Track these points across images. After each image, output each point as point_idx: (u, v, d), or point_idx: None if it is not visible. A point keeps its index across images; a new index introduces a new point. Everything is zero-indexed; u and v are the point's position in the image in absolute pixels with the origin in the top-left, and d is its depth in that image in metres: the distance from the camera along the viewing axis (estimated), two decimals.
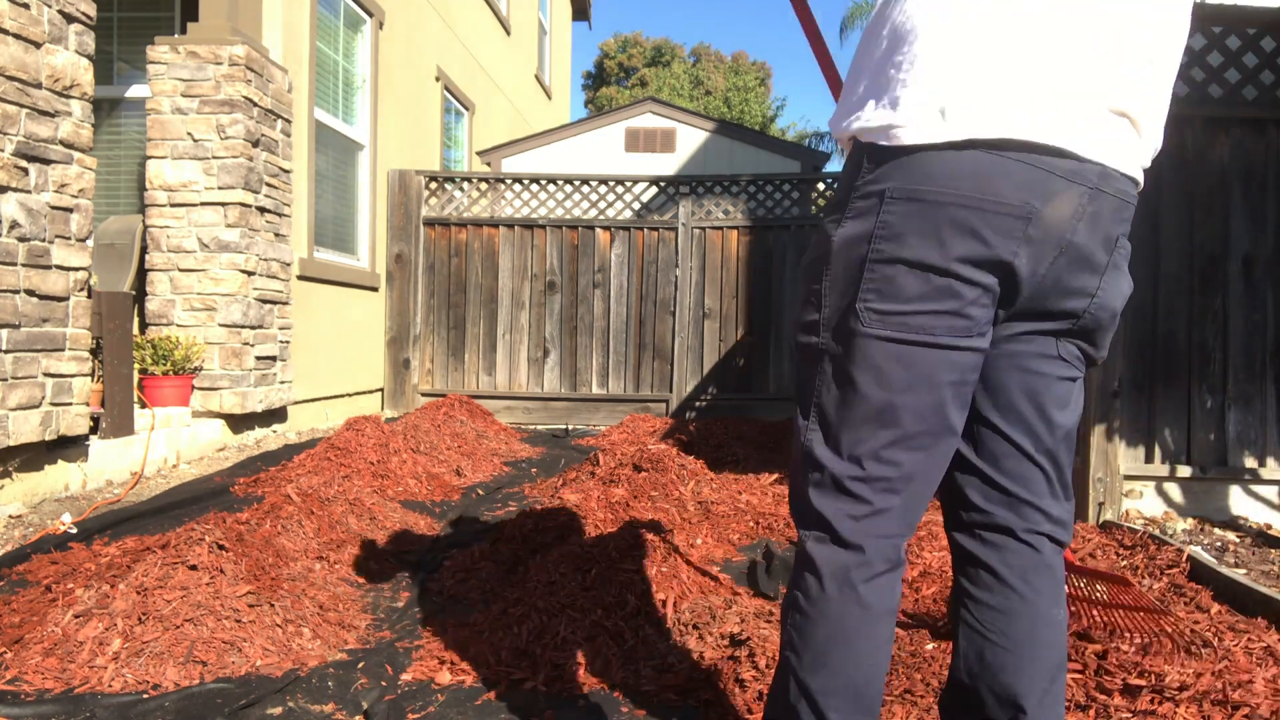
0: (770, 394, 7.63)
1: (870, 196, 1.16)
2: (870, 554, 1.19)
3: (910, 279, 1.14)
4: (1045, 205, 1.12)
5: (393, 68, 7.60)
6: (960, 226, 1.11)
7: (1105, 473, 3.67)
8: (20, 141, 3.50)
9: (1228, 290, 3.76)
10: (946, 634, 2.34)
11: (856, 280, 1.17)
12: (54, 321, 3.69)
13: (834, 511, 1.20)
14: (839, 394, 1.20)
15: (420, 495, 4.22)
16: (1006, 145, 1.11)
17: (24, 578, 2.78)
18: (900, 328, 1.15)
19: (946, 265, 1.12)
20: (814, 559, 1.21)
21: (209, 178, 5.12)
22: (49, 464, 3.81)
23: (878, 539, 1.20)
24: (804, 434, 1.24)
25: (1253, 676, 1.92)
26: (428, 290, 7.68)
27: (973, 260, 1.12)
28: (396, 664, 2.27)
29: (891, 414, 1.17)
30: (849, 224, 1.18)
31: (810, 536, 1.22)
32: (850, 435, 1.19)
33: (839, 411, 1.20)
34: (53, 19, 3.66)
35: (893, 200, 1.14)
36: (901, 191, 1.13)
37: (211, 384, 5.14)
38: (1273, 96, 3.78)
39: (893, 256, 1.14)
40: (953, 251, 1.12)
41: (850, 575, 1.19)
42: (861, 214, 1.17)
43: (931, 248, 1.12)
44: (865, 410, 1.18)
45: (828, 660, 1.19)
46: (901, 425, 1.18)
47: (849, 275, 1.17)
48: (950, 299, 1.14)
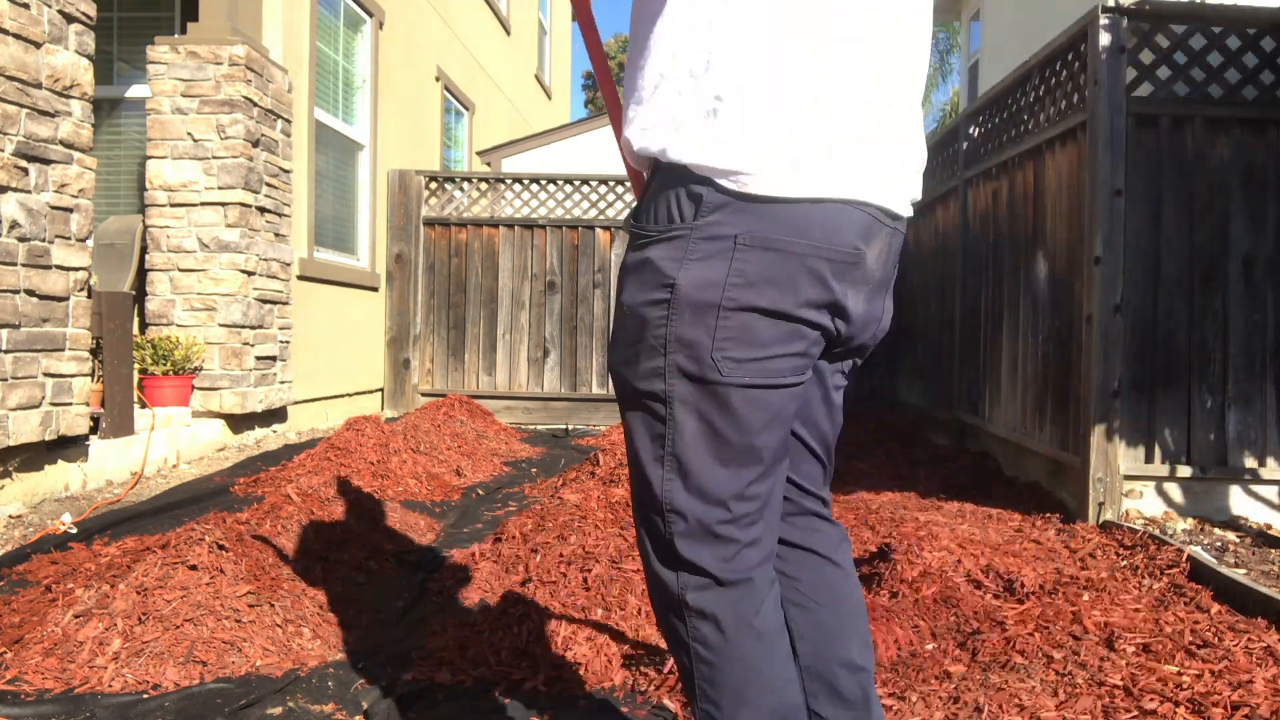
0: None
1: (718, 240, 1.13)
2: (754, 586, 1.21)
3: (764, 325, 1.15)
4: (868, 248, 1.19)
5: (393, 68, 7.60)
6: (812, 274, 1.14)
7: (1105, 473, 3.67)
8: (20, 141, 3.50)
9: (1228, 290, 3.76)
10: (944, 633, 2.34)
11: (710, 327, 1.14)
12: (54, 321, 3.69)
13: (709, 558, 1.20)
14: (697, 441, 1.18)
15: (420, 495, 4.22)
16: (849, 201, 1.16)
17: (24, 578, 2.78)
18: (757, 373, 1.16)
19: (796, 312, 1.15)
20: (703, 608, 1.20)
21: (209, 178, 5.12)
22: (49, 464, 3.81)
23: (754, 569, 1.22)
24: (658, 486, 1.21)
25: (1253, 676, 1.92)
26: (428, 290, 7.68)
27: (816, 304, 1.16)
28: (396, 664, 2.28)
29: (753, 454, 1.19)
30: (694, 267, 1.14)
31: (690, 587, 1.21)
32: (713, 480, 1.19)
33: (698, 458, 1.19)
34: (53, 19, 3.66)
35: (746, 248, 1.13)
36: (755, 239, 1.13)
37: (211, 384, 5.14)
38: (1273, 96, 3.78)
39: (748, 305, 1.14)
40: (801, 297, 1.15)
41: (741, 612, 1.20)
42: (709, 257, 1.14)
43: (785, 295, 1.14)
44: (726, 454, 1.19)
45: (746, 698, 1.21)
46: (762, 462, 1.21)
47: (699, 321, 1.14)
48: (798, 341, 1.18)
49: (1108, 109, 3.69)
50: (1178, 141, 3.78)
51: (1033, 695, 1.88)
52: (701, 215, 1.14)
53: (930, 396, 6.45)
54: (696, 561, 1.20)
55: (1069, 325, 4.03)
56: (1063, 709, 1.82)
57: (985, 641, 2.19)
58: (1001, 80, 4.99)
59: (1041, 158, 4.41)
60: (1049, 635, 2.20)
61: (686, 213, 1.16)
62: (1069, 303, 4.03)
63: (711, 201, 1.14)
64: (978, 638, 2.23)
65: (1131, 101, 3.74)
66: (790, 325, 1.16)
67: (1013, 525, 3.67)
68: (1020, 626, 2.27)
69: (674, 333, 1.16)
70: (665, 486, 1.21)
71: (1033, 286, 4.48)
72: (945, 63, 22.53)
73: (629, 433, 1.25)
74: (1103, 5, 3.69)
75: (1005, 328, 4.89)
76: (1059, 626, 2.24)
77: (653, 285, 1.17)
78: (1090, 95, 3.76)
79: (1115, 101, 3.69)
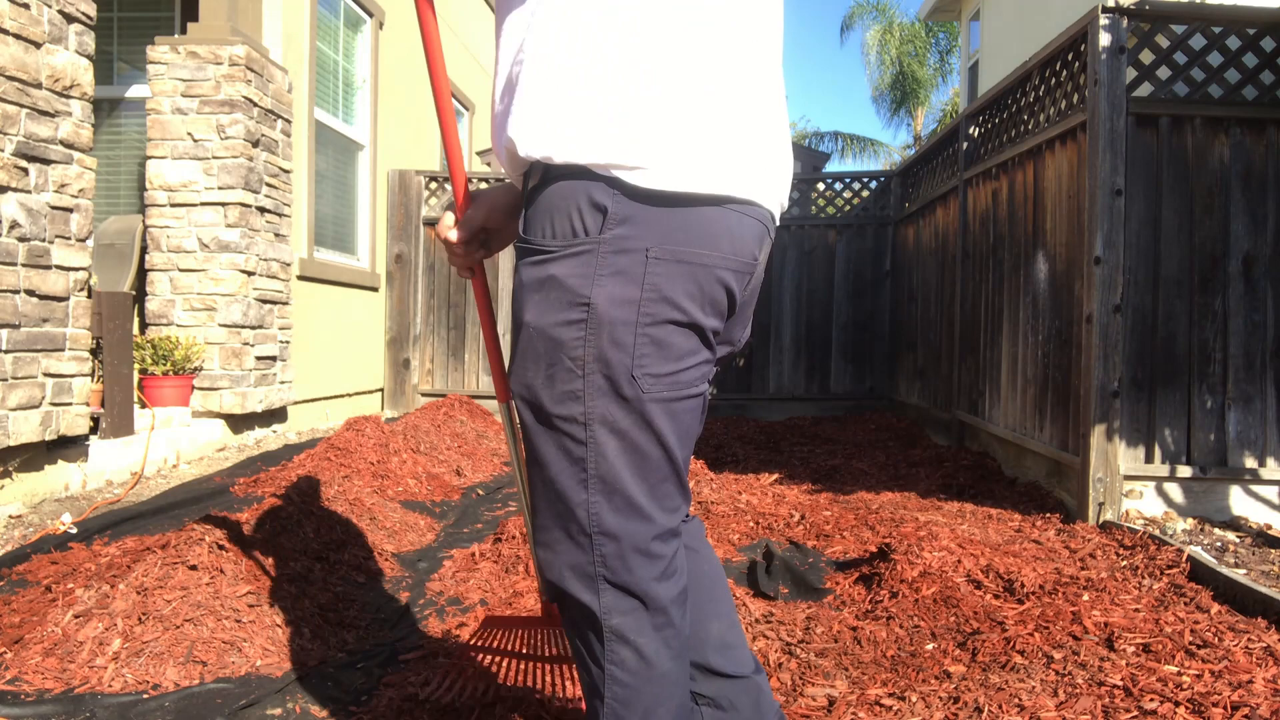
0: (770, 394, 7.63)
1: (629, 253, 1.11)
2: (674, 610, 1.20)
3: (679, 338, 1.14)
4: (761, 255, 1.21)
5: (393, 68, 7.60)
6: (720, 284, 1.15)
7: (1105, 473, 3.67)
8: (20, 141, 3.50)
9: (1228, 290, 3.76)
10: (944, 633, 2.34)
11: (629, 345, 1.12)
12: (54, 321, 3.70)
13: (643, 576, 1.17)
14: (620, 460, 1.15)
15: (420, 495, 4.22)
16: (748, 202, 1.16)
17: (24, 578, 2.78)
18: (673, 386, 1.16)
19: (704, 321, 1.15)
20: (626, 634, 1.18)
21: (209, 178, 5.12)
22: (49, 464, 3.81)
23: (676, 589, 1.21)
24: (583, 510, 1.17)
25: (1253, 676, 1.92)
26: (428, 290, 7.68)
27: (718, 312, 1.17)
28: (396, 664, 2.27)
29: (672, 467, 1.19)
30: (608, 283, 1.11)
31: (615, 611, 1.18)
32: (642, 497, 1.17)
33: (624, 477, 1.16)
34: (53, 19, 3.66)
35: (659, 261, 1.11)
36: (667, 253, 1.11)
37: (211, 384, 5.14)
38: (1273, 96, 3.78)
39: (665, 319, 1.12)
40: (711, 308, 1.16)
41: (664, 636, 1.20)
42: (622, 272, 1.11)
43: (696, 307, 1.14)
44: (649, 470, 1.17)
45: (655, 715, 1.20)
46: (679, 473, 1.21)
47: (618, 339, 1.12)
48: (705, 349, 1.18)
49: (1108, 109, 3.69)
50: (1178, 141, 3.78)
51: (1033, 695, 1.88)
52: (608, 228, 1.11)
53: (930, 396, 6.45)
54: (629, 583, 1.17)
55: (1069, 325, 4.03)
56: (1063, 709, 1.82)
57: (985, 641, 2.19)
58: (1001, 80, 4.99)
59: (1041, 158, 4.41)
60: (1049, 635, 2.20)
61: (591, 225, 1.11)
62: (1069, 303, 4.03)
63: (617, 213, 1.11)
64: (978, 638, 2.23)
65: (1131, 101, 3.74)
66: (699, 335, 1.16)
67: (1013, 525, 3.67)
68: (1020, 626, 2.27)
69: (592, 353, 1.12)
70: (592, 510, 1.16)
71: (1033, 286, 4.48)
72: (945, 63, 22.53)
73: (539, 457, 1.19)
74: (1103, 5, 3.69)
75: (1005, 328, 4.89)
76: (1059, 626, 2.24)
77: (563, 305, 1.12)
78: (1090, 95, 3.76)
79: (1115, 101, 3.69)
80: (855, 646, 2.32)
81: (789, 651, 2.28)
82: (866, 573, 2.87)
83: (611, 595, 1.18)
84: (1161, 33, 3.79)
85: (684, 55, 1.11)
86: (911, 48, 22.60)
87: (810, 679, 2.11)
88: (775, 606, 2.65)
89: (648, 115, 1.10)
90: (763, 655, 2.25)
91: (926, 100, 23.33)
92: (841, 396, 7.66)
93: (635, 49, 1.10)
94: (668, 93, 1.11)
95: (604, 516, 1.16)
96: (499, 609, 2.55)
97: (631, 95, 1.10)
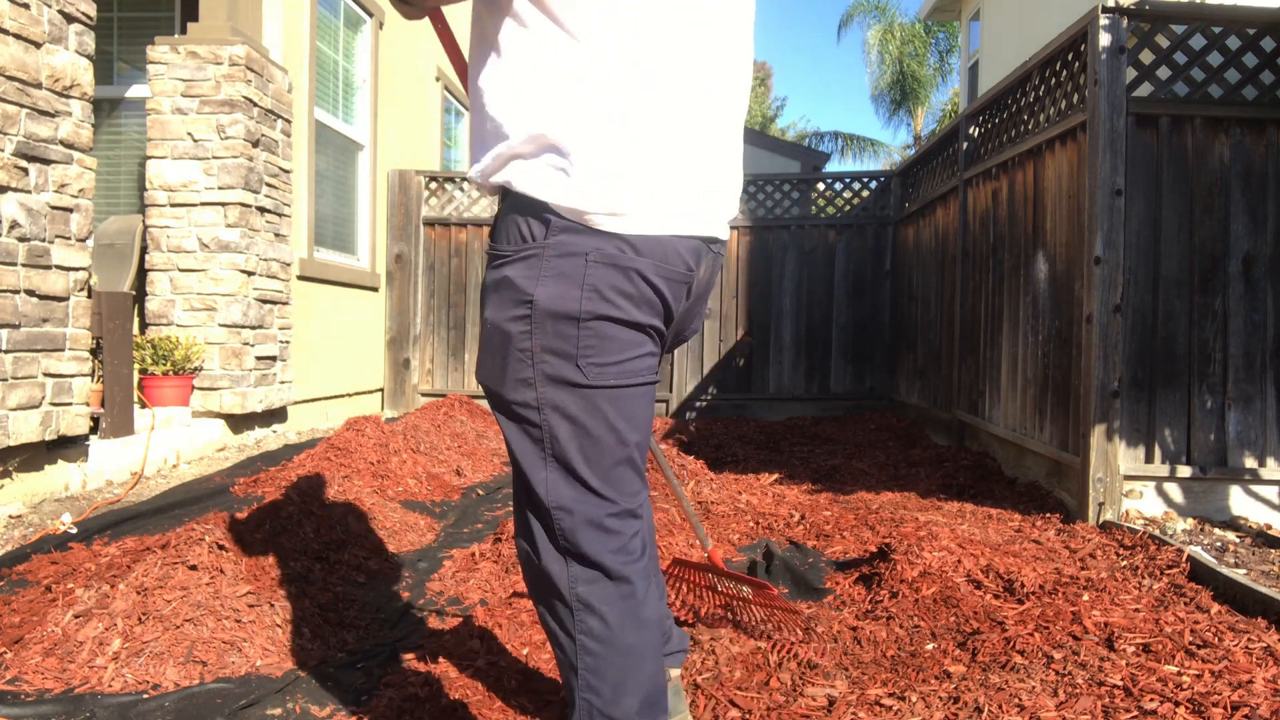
0: (770, 394, 7.63)
1: (570, 257, 1.26)
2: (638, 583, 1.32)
3: (618, 331, 1.29)
4: (698, 268, 1.38)
5: (393, 68, 7.60)
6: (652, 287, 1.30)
7: (1105, 473, 3.67)
8: (20, 141, 3.50)
9: (1228, 290, 3.76)
10: (944, 633, 2.34)
11: (572, 337, 1.26)
12: (54, 321, 3.70)
13: (600, 549, 1.30)
14: (571, 441, 1.30)
15: (420, 495, 4.22)
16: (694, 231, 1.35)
17: (24, 578, 2.78)
18: (621, 375, 1.30)
19: (641, 319, 1.30)
20: (591, 602, 1.30)
21: (209, 178, 5.12)
22: (49, 464, 3.81)
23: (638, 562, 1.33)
24: (542, 487, 1.31)
25: (1253, 676, 1.92)
26: (428, 290, 7.68)
27: (655, 312, 1.33)
28: (396, 664, 2.28)
29: (625, 449, 1.32)
30: (550, 283, 1.26)
31: (580, 580, 1.31)
32: (594, 477, 1.31)
33: (578, 457, 1.30)
34: (53, 19, 3.66)
35: (596, 264, 1.26)
36: (604, 257, 1.26)
37: (211, 384, 5.14)
38: (1273, 96, 3.78)
39: (603, 315, 1.27)
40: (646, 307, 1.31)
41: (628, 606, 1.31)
42: (564, 274, 1.26)
43: (632, 305, 1.29)
44: (602, 452, 1.31)
45: (626, 686, 1.31)
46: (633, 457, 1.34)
47: (560, 332, 1.27)
48: (648, 343, 1.34)
49: (1108, 109, 3.69)
50: (1178, 141, 3.78)
51: (1033, 695, 1.88)
52: (551, 235, 1.27)
53: (930, 396, 6.45)
54: (589, 553, 1.30)
55: (1069, 325, 4.03)
56: (1063, 709, 1.82)
57: (985, 641, 2.19)
58: (1001, 80, 4.99)
59: (1041, 158, 4.41)
60: (1049, 635, 2.20)
61: (537, 233, 1.28)
62: (1069, 303, 4.03)
63: (559, 224, 1.27)
64: (978, 638, 2.23)
65: (1131, 101, 3.74)
66: (638, 330, 1.31)
67: (1013, 525, 3.67)
68: (1020, 626, 2.27)
69: (539, 344, 1.28)
70: (550, 486, 1.31)
71: (1033, 286, 4.48)
72: (945, 63, 22.53)
73: (508, 438, 1.35)
74: (1103, 5, 3.69)
75: (1005, 328, 4.89)
76: (1059, 626, 2.24)
77: (512, 302, 1.28)
78: (1090, 95, 3.76)
79: (1115, 101, 3.69)
80: (855, 646, 2.32)
81: (789, 651, 2.28)
82: (866, 573, 2.87)
83: (575, 566, 1.31)
84: (1161, 33, 3.79)
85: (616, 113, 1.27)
86: (911, 48, 22.61)
87: (810, 679, 2.11)
88: None
89: (592, 171, 1.26)
90: (763, 655, 2.25)
91: (926, 100, 23.33)
92: (841, 396, 7.66)
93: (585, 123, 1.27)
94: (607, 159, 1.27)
95: (560, 491, 1.31)
96: (499, 609, 2.55)
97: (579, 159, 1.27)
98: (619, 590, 1.30)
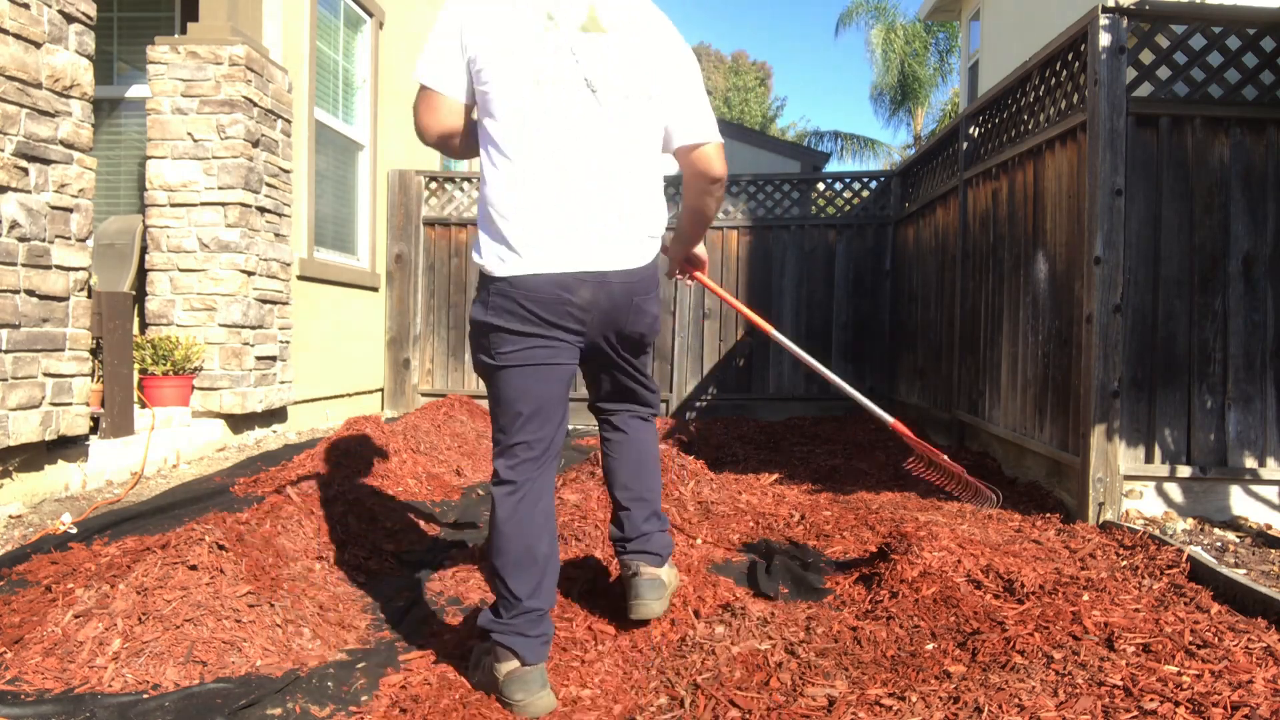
0: (770, 394, 7.63)
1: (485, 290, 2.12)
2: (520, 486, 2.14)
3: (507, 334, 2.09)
4: (574, 295, 2.07)
5: (393, 68, 7.60)
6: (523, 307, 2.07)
7: (1105, 473, 3.67)
8: (20, 141, 3.50)
9: (1228, 290, 3.76)
10: (944, 633, 2.34)
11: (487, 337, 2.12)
12: (54, 321, 3.70)
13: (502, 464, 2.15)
14: (493, 398, 2.16)
15: (420, 495, 4.22)
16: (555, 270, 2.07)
17: (24, 578, 2.78)
18: (519, 359, 2.10)
19: (523, 329, 2.08)
20: (495, 494, 2.14)
21: (209, 178, 5.12)
22: (49, 464, 3.81)
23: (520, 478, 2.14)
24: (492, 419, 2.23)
25: (1253, 676, 1.92)
26: (428, 290, 7.68)
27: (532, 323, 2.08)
28: (396, 664, 2.28)
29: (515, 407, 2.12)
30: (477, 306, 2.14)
31: (495, 474, 2.16)
32: (503, 419, 2.15)
33: (494, 408, 2.17)
34: (53, 19, 3.66)
35: (492, 294, 2.09)
36: (498, 290, 2.08)
37: (211, 384, 5.14)
38: (1273, 96, 3.78)
39: (497, 325, 2.09)
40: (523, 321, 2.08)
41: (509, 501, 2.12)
42: (482, 301, 2.12)
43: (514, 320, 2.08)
44: (504, 405, 2.14)
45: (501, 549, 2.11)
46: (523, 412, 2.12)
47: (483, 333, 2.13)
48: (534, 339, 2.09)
49: (1108, 109, 3.69)
50: (1178, 141, 3.78)
51: (1033, 695, 1.88)
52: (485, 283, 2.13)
53: (930, 396, 6.45)
54: (498, 463, 2.14)
55: (1069, 325, 4.03)
56: (1063, 709, 1.82)
57: (985, 641, 2.19)
58: (1001, 80, 4.99)
59: (1041, 158, 4.41)
60: (1049, 635, 2.20)
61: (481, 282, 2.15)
62: (1069, 303, 4.03)
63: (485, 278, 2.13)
64: (978, 638, 2.23)
65: (1131, 101, 3.74)
66: (525, 337, 2.08)
67: (1013, 525, 3.67)
68: (1020, 626, 2.27)
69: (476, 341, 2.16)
70: (491, 418, 2.20)
71: (1033, 286, 4.48)
72: (945, 63, 22.54)
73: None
74: (1103, 5, 3.69)
75: (1005, 328, 4.89)
76: (1059, 626, 2.24)
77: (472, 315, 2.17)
78: (1090, 95, 3.76)
79: (1115, 101, 3.69)
80: (855, 646, 2.32)
81: (790, 651, 2.28)
82: (866, 573, 2.87)
83: (496, 463, 2.15)
84: (1161, 33, 3.78)
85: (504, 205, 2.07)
86: (912, 48, 22.61)
87: (810, 679, 2.11)
88: (776, 606, 2.65)
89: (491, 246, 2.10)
90: (764, 655, 2.25)
91: (926, 100, 23.34)
92: (842, 397, 7.65)
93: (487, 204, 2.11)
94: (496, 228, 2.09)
95: (495, 422, 2.18)
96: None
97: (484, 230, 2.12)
98: (505, 490, 2.12)
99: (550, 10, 2.04)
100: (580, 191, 2.06)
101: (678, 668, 2.23)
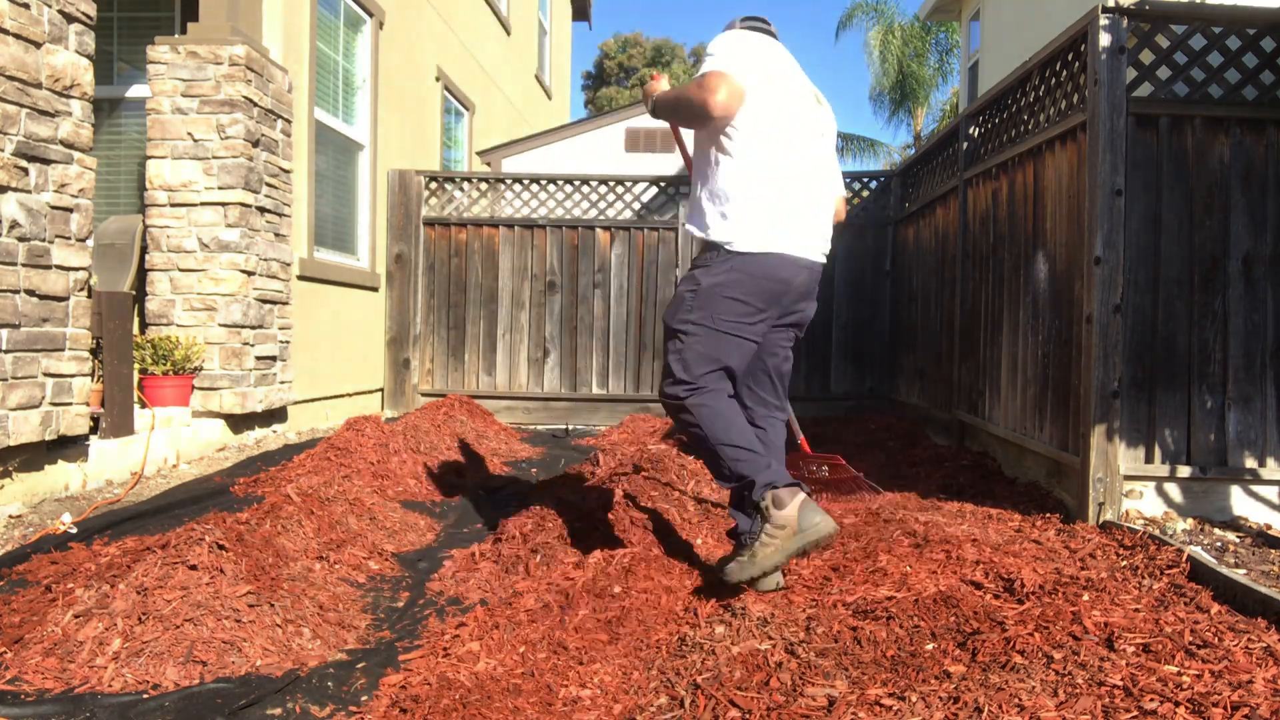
0: None
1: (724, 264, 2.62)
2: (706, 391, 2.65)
3: (738, 306, 2.60)
4: (794, 279, 2.66)
5: (393, 68, 7.60)
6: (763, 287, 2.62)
7: (1105, 473, 3.67)
8: (20, 141, 3.50)
9: (1228, 290, 3.76)
10: (944, 633, 2.34)
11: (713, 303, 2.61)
12: (54, 321, 3.69)
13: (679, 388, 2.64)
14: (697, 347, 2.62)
15: (420, 495, 4.22)
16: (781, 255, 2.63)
17: (24, 578, 2.78)
18: (734, 328, 2.61)
19: (752, 302, 2.60)
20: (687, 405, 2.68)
21: (209, 178, 5.12)
22: (49, 464, 3.81)
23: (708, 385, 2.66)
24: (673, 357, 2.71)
25: (1253, 676, 1.92)
26: (428, 290, 7.68)
27: (767, 299, 2.62)
28: (396, 664, 2.28)
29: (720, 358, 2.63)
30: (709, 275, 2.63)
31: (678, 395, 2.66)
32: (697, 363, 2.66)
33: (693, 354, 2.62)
34: (53, 19, 3.66)
35: (735, 270, 2.58)
36: (737, 266, 2.59)
37: (211, 384, 5.14)
38: (1273, 96, 3.78)
39: (730, 295, 2.58)
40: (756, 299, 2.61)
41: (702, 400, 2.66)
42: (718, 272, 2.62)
43: (749, 294, 2.60)
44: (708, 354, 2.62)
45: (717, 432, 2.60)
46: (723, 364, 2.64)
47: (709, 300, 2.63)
48: (755, 316, 2.64)
49: (1108, 109, 3.69)
50: (1178, 141, 3.78)
51: (1033, 695, 1.88)
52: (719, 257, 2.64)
53: (930, 396, 6.44)
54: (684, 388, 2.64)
55: (1069, 325, 4.03)
56: (1063, 709, 1.82)
57: (985, 641, 2.19)
58: (1001, 80, 4.99)
59: (1041, 158, 4.41)
60: (1049, 635, 2.20)
61: (710, 254, 2.64)
62: (1069, 303, 4.03)
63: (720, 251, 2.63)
64: (978, 638, 2.23)
65: (1131, 101, 3.74)
66: (748, 308, 2.59)
67: (1013, 525, 3.67)
68: (1020, 626, 2.27)
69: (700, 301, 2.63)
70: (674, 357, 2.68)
71: (1033, 286, 4.48)
72: (945, 63, 22.53)
73: (667, 342, 2.69)
74: (1103, 5, 3.69)
75: (1005, 328, 4.89)
76: (1059, 626, 2.24)
77: (693, 281, 2.67)
78: (1090, 95, 3.76)
79: (1115, 101, 3.69)
80: (855, 646, 2.32)
81: (790, 651, 2.28)
82: None
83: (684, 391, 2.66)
84: (1161, 33, 3.78)
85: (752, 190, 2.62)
86: (912, 48, 22.60)
87: (810, 679, 2.11)
88: (776, 607, 2.65)
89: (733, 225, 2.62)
90: (764, 655, 2.25)
91: (926, 100, 23.33)
92: (841, 397, 7.66)
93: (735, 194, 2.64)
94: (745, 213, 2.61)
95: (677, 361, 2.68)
96: (499, 609, 2.55)
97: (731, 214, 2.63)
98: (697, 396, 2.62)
99: (816, 94, 2.89)
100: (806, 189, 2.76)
101: (677, 668, 2.23)
